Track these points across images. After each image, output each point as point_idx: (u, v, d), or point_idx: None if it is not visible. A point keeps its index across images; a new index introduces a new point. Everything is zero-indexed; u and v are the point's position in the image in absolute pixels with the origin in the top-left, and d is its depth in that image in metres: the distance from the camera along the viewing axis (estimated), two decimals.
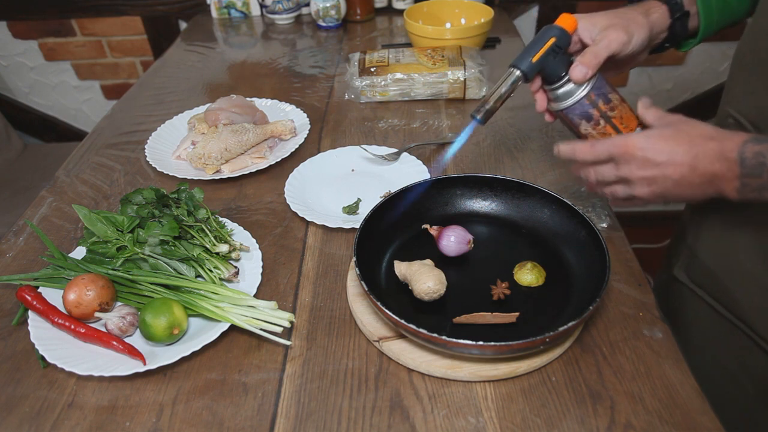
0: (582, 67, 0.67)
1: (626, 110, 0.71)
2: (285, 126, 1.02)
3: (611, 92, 0.70)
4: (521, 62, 0.67)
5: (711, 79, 1.91)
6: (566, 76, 0.69)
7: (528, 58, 0.67)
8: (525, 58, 0.67)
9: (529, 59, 0.67)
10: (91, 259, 0.72)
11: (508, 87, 0.68)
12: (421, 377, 0.61)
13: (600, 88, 0.69)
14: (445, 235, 0.71)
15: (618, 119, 0.70)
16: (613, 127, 0.70)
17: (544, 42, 0.66)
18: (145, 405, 0.60)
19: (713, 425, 0.55)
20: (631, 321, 0.66)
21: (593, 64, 0.67)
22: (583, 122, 0.71)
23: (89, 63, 1.93)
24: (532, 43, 0.68)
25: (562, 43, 0.67)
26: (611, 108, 0.69)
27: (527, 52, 0.67)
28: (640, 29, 0.69)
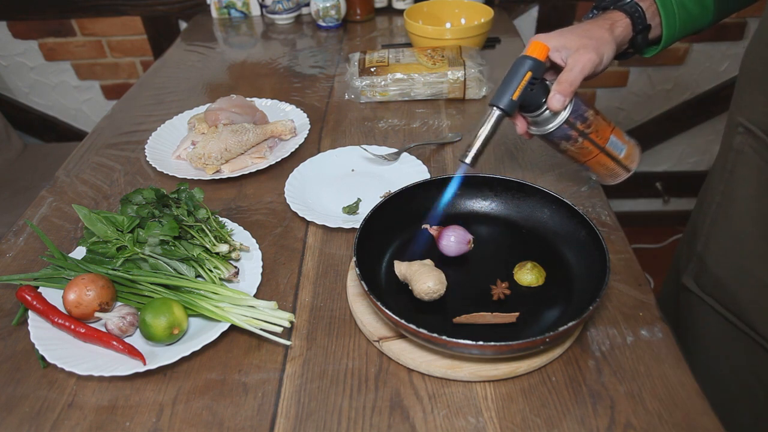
0: (560, 96, 0.68)
1: (600, 121, 0.73)
2: (285, 126, 1.02)
3: (586, 110, 0.72)
4: (501, 101, 0.68)
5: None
6: (545, 105, 0.70)
7: (507, 96, 0.68)
8: (504, 96, 0.68)
9: (509, 97, 0.68)
10: (91, 259, 0.72)
11: (491, 127, 0.69)
12: (421, 377, 0.61)
13: (577, 110, 0.71)
14: (445, 235, 0.71)
15: (594, 133, 0.73)
16: (590, 141, 0.73)
17: (521, 77, 0.67)
18: (145, 405, 0.60)
19: (713, 425, 0.55)
20: (631, 321, 0.66)
21: (569, 92, 0.68)
22: (562, 142, 0.73)
23: (89, 63, 1.93)
24: (509, 78, 0.68)
25: (537, 74, 0.68)
26: (588, 125, 0.72)
27: (505, 88, 0.68)
28: (608, 48, 0.70)
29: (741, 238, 0.74)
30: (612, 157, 0.75)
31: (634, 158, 0.77)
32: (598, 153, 0.74)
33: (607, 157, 0.75)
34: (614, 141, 0.74)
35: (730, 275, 0.77)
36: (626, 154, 0.76)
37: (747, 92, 0.73)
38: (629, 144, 0.76)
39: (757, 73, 0.70)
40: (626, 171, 0.78)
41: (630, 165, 0.77)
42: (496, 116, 0.69)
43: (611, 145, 0.74)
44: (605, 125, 0.73)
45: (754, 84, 0.71)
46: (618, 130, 0.75)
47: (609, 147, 0.74)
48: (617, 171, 0.77)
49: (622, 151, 0.75)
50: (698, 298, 0.83)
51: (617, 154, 0.75)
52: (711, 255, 0.80)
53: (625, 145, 0.75)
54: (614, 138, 0.74)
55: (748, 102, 0.73)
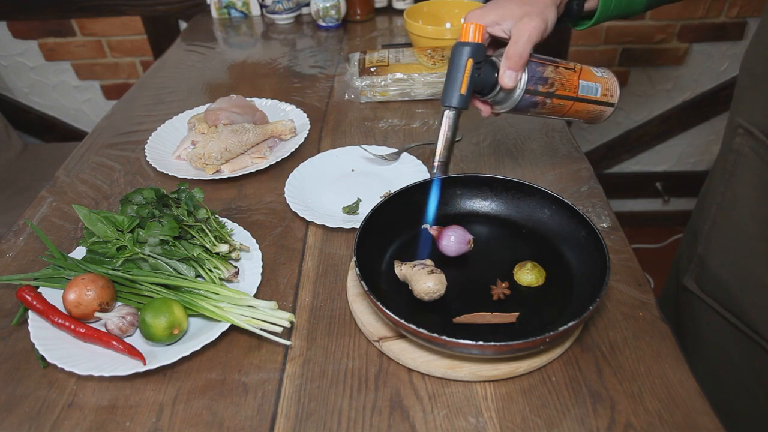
0: (510, 72, 0.65)
1: (563, 73, 0.69)
2: (285, 126, 1.02)
3: (544, 69, 0.68)
4: (451, 99, 0.65)
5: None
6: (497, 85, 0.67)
7: (455, 92, 0.64)
8: (452, 93, 0.65)
9: (457, 93, 0.64)
10: (91, 259, 0.72)
11: (451, 129, 0.66)
12: (421, 377, 0.61)
13: (533, 76, 0.67)
14: (445, 235, 0.71)
15: (560, 89, 0.69)
16: (559, 97, 0.69)
17: (463, 68, 0.64)
18: (145, 405, 0.60)
19: (713, 425, 0.55)
20: (631, 321, 0.66)
21: (520, 65, 0.65)
22: (531, 109, 0.70)
23: (89, 63, 1.93)
24: (451, 72, 0.65)
25: (479, 57, 0.64)
26: (550, 85, 0.68)
27: (451, 85, 0.65)
28: (551, 11, 0.66)
29: (742, 240, 0.74)
30: (589, 101, 0.72)
31: (613, 91, 0.74)
32: (573, 104, 0.71)
33: (583, 104, 0.72)
34: (585, 85, 0.71)
35: (732, 277, 0.76)
36: (603, 92, 0.72)
37: (747, 94, 0.73)
38: (603, 79, 0.73)
39: (758, 74, 0.70)
40: (609, 107, 0.74)
41: (611, 100, 0.74)
42: (452, 117, 0.66)
43: (583, 91, 0.71)
44: (570, 74, 0.69)
45: (754, 85, 0.71)
46: (586, 70, 0.71)
47: (581, 93, 0.71)
48: (600, 110, 0.74)
49: (597, 90, 0.72)
50: (699, 300, 0.82)
51: (593, 96, 0.72)
52: (712, 256, 0.80)
53: (598, 84, 0.72)
54: (584, 82, 0.71)
55: (749, 103, 0.72)
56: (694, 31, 1.80)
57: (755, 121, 0.71)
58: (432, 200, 0.73)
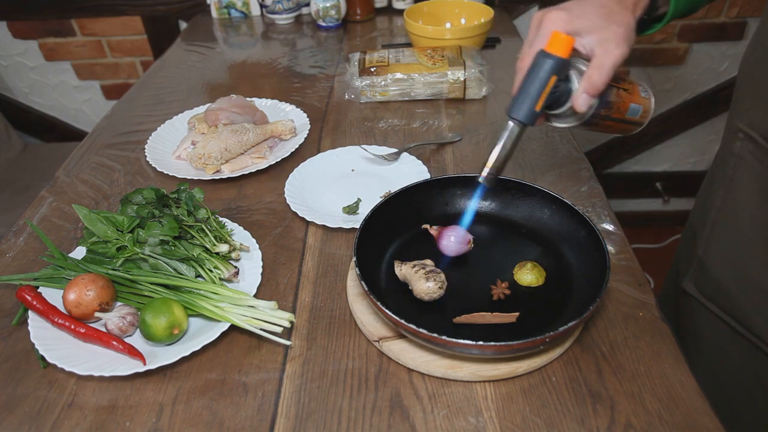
0: (587, 97, 0.59)
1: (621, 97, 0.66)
2: (285, 126, 1.02)
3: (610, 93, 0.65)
4: (522, 113, 0.57)
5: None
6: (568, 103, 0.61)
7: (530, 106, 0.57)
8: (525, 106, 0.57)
9: (531, 108, 0.57)
10: (91, 259, 0.72)
11: (512, 142, 0.59)
12: (421, 377, 0.61)
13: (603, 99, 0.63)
14: (445, 235, 0.71)
15: (616, 112, 0.67)
16: (611, 120, 0.68)
17: (545, 84, 0.56)
18: (145, 405, 0.60)
19: (714, 425, 0.55)
20: (631, 321, 0.66)
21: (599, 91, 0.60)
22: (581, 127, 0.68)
23: (89, 63, 1.93)
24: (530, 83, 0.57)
25: (562, 75, 0.58)
26: (610, 108, 0.65)
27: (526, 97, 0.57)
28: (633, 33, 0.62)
29: (742, 244, 0.74)
30: (630, 122, 0.70)
31: (648, 113, 0.71)
32: (618, 124, 0.69)
33: (626, 125, 0.70)
34: (633, 108, 0.67)
35: (732, 280, 0.76)
36: (641, 113, 0.70)
37: (746, 97, 0.72)
38: (644, 101, 0.70)
39: (757, 77, 0.69)
40: (639, 126, 0.72)
41: (643, 120, 0.71)
42: (517, 132, 0.59)
43: (630, 113, 0.68)
44: (625, 96, 0.65)
45: (753, 89, 0.70)
46: (635, 90, 0.68)
47: (629, 116, 0.68)
48: (631, 129, 0.72)
49: (638, 113, 0.69)
50: (699, 303, 0.82)
51: (633, 118, 0.69)
52: (712, 260, 0.79)
53: (640, 106, 0.69)
54: (633, 105, 0.67)
55: (748, 107, 0.72)
56: (694, 31, 1.80)
57: (755, 125, 0.70)
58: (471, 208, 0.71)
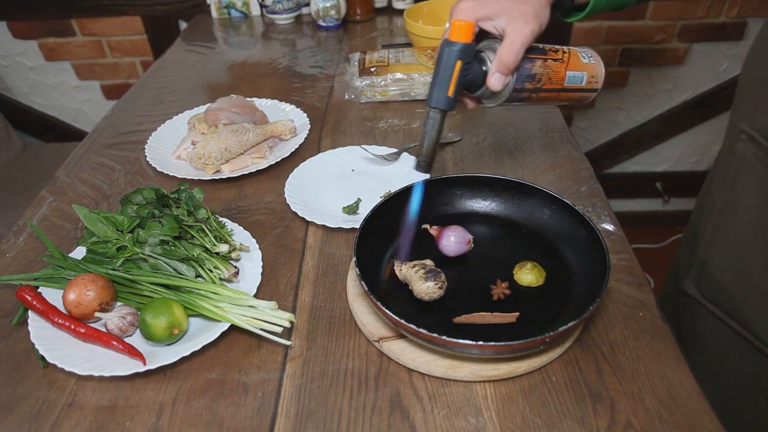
0: (500, 75, 0.63)
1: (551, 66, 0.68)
2: (285, 126, 1.02)
3: (533, 66, 0.67)
4: (438, 101, 0.63)
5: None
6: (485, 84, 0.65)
7: (443, 93, 0.63)
8: (439, 94, 0.63)
9: (444, 95, 0.63)
10: (91, 259, 0.72)
11: (436, 130, 0.65)
12: (421, 377, 0.61)
13: (521, 75, 0.66)
14: (445, 235, 0.71)
15: (548, 83, 0.68)
16: (545, 91, 0.69)
17: (452, 70, 0.62)
18: (145, 405, 0.60)
19: (713, 425, 0.55)
20: (631, 321, 0.66)
21: (512, 69, 0.63)
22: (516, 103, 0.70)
23: (89, 63, 1.93)
24: (439, 72, 0.62)
25: (468, 58, 0.62)
26: (538, 80, 0.67)
27: (438, 86, 0.62)
28: (545, 12, 0.64)
29: (744, 246, 0.73)
30: (574, 90, 0.71)
31: (599, 77, 0.73)
32: (558, 94, 0.70)
33: (568, 93, 0.71)
34: (571, 75, 0.70)
35: (733, 282, 0.76)
36: (588, 79, 0.72)
37: (749, 98, 0.72)
38: (589, 66, 0.72)
39: (760, 79, 0.69)
40: (593, 92, 0.74)
41: (595, 86, 0.73)
42: (438, 118, 0.64)
43: (569, 81, 0.70)
44: (558, 66, 0.68)
45: (756, 90, 0.70)
46: (574, 57, 0.70)
47: (568, 84, 0.70)
48: (584, 96, 0.74)
49: (583, 79, 0.71)
50: (699, 305, 0.82)
51: (578, 85, 0.71)
52: (713, 262, 0.79)
53: (584, 72, 0.71)
54: (570, 73, 0.70)
55: (751, 109, 0.71)
56: (694, 31, 1.80)
57: (758, 127, 0.70)
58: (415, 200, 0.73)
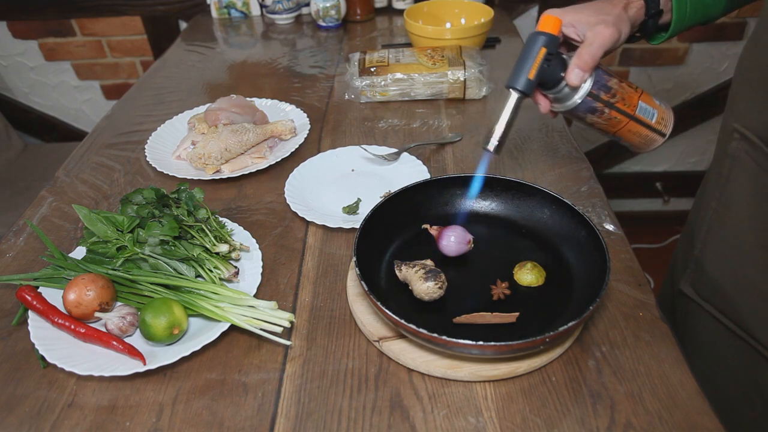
0: (578, 71, 0.67)
1: (626, 89, 0.71)
2: (285, 126, 1.02)
3: (609, 79, 0.69)
4: (518, 82, 0.65)
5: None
6: (564, 81, 0.68)
7: (523, 76, 0.65)
8: (520, 76, 0.65)
9: (525, 77, 0.65)
10: (91, 259, 0.72)
11: (512, 111, 0.67)
12: (421, 377, 0.61)
13: (599, 81, 0.69)
14: (445, 235, 0.71)
15: (621, 102, 0.70)
16: (617, 111, 0.71)
17: (536, 55, 0.65)
18: (145, 405, 0.60)
19: (713, 425, 0.55)
20: (631, 321, 0.66)
21: (590, 66, 0.67)
22: (588, 115, 0.71)
23: (89, 63, 1.93)
24: (523, 56, 0.66)
25: (552, 49, 0.65)
26: (613, 95, 0.69)
27: (520, 68, 0.65)
28: (625, 25, 0.69)
29: (738, 245, 0.73)
30: (643, 124, 0.73)
31: (668, 122, 0.75)
32: (628, 121, 0.72)
33: (638, 125, 0.73)
34: (643, 107, 0.72)
35: (728, 282, 0.76)
36: (658, 119, 0.73)
37: (742, 98, 0.72)
38: (660, 108, 0.74)
39: (753, 78, 0.69)
40: (661, 136, 0.75)
41: (663, 129, 0.74)
42: (516, 99, 0.66)
43: (641, 112, 0.72)
44: (632, 92, 0.71)
45: (749, 89, 0.70)
46: (647, 94, 0.73)
47: (639, 114, 0.72)
48: (651, 137, 0.75)
49: (654, 116, 0.73)
50: (696, 304, 0.82)
51: (648, 120, 0.73)
52: (708, 261, 0.79)
53: (655, 110, 0.73)
54: (643, 104, 0.71)
55: (744, 108, 0.72)
56: (694, 31, 1.80)
57: (751, 126, 0.70)
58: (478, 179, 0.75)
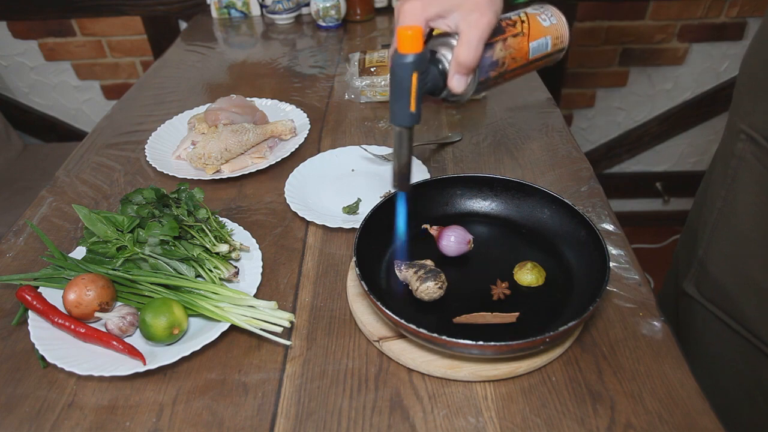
0: (459, 77, 0.59)
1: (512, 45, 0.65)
2: (285, 126, 1.02)
3: (493, 53, 0.63)
4: (402, 119, 0.59)
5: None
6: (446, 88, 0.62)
7: (405, 111, 0.58)
8: (401, 112, 0.58)
9: (408, 111, 0.58)
10: (91, 259, 0.72)
11: (407, 145, 0.61)
12: (421, 377, 0.61)
13: (483, 66, 0.62)
14: (445, 235, 0.71)
15: (512, 62, 0.65)
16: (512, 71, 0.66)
17: (409, 84, 0.57)
18: (145, 405, 0.60)
19: (713, 425, 0.55)
20: (631, 321, 0.66)
21: (471, 68, 0.59)
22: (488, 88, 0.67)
23: (89, 63, 1.93)
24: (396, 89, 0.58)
25: (423, 67, 0.57)
26: (501, 64, 0.64)
27: (399, 103, 0.58)
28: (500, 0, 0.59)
29: (743, 245, 0.73)
30: (540, 58, 0.69)
31: (563, 37, 0.70)
32: (527, 66, 0.68)
33: (535, 63, 0.69)
34: (535, 46, 0.67)
35: (733, 282, 0.76)
36: (553, 42, 0.69)
37: (748, 98, 0.72)
38: (551, 29, 0.68)
39: (759, 78, 0.69)
40: (560, 52, 0.71)
41: (561, 45, 0.70)
42: (405, 134, 0.60)
43: (534, 52, 0.67)
44: (519, 41, 0.65)
45: (755, 89, 0.70)
46: (534, 24, 0.67)
47: (533, 56, 0.67)
48: (552, 59, 0.71)
49: (548, 44, 0.68)
50: (699, 304, 0.81)
51: (545, 51, 0.69)
52: (712, 261, 0.79)
53: (548, 37, 0.68)
54: (534, 43, 0.66)
55: (750, 108, 0.71)
56: (694, 31, 1.80)
57: (757, 127, 0.70)
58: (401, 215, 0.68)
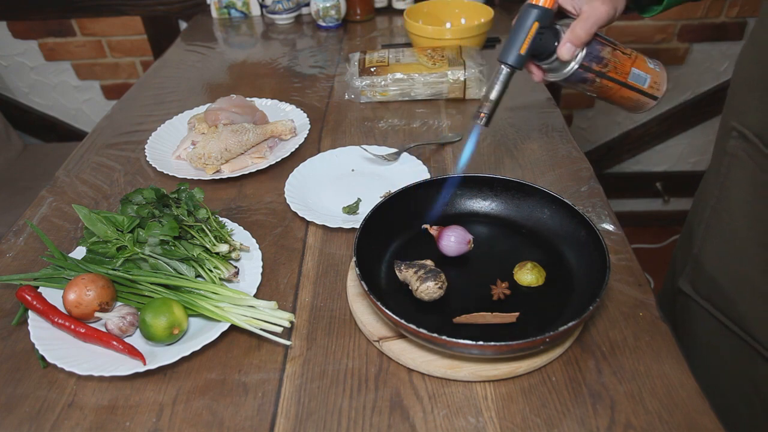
0: (570, 46, 0.67)
1: (619, 57, 0.71)
2: (285, 126, 1.02)
3: (603, 48, 0.70)
4: (509, 56, 0.66)
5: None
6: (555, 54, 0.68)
7: (515, 50, 0.66)
8: (512, 50, 0.66)
9: (517, 52, 0.66)
10: (91, 259, 0.72)
11: (502, 85, 0.67)
12: (421, 377, 0.61)
13: (591, 53, 0.69)
14: (445, 235, 0.71)
15: (613, 71, 0.71)
16: (609, 79, 0.71)
17: (528, 29, 0.65)
18: (145, 405, 0.60)
19: (713, 425, 0.55)
20: (631, 321, 0.66)
21: (583, 41, 0.66)
22: (580, 84, 0.72)
23: (89, 63, 1.93)
24: (516, 30, 0.66)
25: (545, 23, 0.66)
26: (605, 65, 0.70)
27: (513, 42, 0.66)
28: (621, 1, 0.68)
29: (736, 243, 0.73)
30: (635, 90, 0.73)
31: (660, 85, 0.75)
32: (620, 88, 0.72)
33: (630, 91, 0.73)
34: (636, 73, 0.72)
35: (726, 280, 0.76)
36: (651, 83, 0.74)
37: (740, 96, 0.72)
38: (653, 71, 0.74)
39: (752, 77, 0.69)
40: (653, 99, 0.76)
41: (656, 93, 0.75)
42: (505, 73, 0.67)
43: (633, 78, 0.72)
44: (625, 59, 0.71)
45: (747, 88, 0.70)
46: (641, 59, 0.73)
47: (630, 80, 0.72)
48: (643, 101, 0.75)
49: (646, 81, 0.73)
50: (695, 302, 0.82)
51: (640, 86, 0.73)
52: (707, 259, 0.79)
53: (648, 75, 0.73)
54: (636, 70, 0.72)
55: (742, 106, 0.72)
56: (694, 31, 1.80)
57: (749, 124, 0.70)
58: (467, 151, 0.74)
